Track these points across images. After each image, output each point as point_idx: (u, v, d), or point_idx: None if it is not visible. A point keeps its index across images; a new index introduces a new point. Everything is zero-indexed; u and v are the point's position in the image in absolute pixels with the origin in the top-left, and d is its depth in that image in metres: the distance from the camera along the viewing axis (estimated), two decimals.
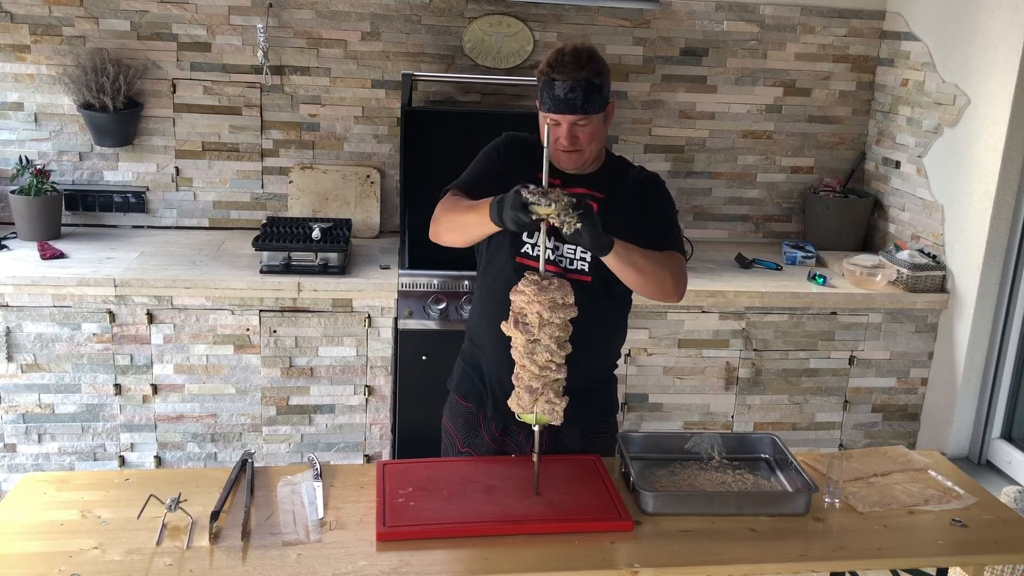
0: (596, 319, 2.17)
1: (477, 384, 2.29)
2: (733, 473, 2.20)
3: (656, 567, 1.83)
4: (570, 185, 2.17)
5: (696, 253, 3.83)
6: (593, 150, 2.15)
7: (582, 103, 2.06)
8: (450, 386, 2.40)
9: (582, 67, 2.06)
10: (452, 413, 2.38)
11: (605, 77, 2.11)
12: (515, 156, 2.23)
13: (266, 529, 1.89)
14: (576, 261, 2.17)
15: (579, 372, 2.11)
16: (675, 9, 3.85)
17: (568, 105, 2.06)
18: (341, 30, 3.72)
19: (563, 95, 2.06)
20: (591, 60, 2.08)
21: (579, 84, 2.05)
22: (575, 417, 2.11)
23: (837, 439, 3.71)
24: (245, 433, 3.40)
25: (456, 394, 2.36)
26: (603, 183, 2.21)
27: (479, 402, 2.29)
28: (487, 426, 2.29)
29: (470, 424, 2.32)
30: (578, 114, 2.07)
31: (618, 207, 2.18)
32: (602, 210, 2.12)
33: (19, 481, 2.07)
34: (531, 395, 1.90)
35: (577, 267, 2.17)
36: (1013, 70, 3.24)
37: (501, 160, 2.23)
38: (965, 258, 3.49)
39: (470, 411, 2.31)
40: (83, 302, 3.21)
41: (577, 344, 2.03)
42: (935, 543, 1.98)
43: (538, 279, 1.91)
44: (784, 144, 4.08)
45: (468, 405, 2.32)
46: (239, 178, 3.83)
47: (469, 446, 2.31)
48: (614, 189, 2.21)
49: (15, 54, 3.61)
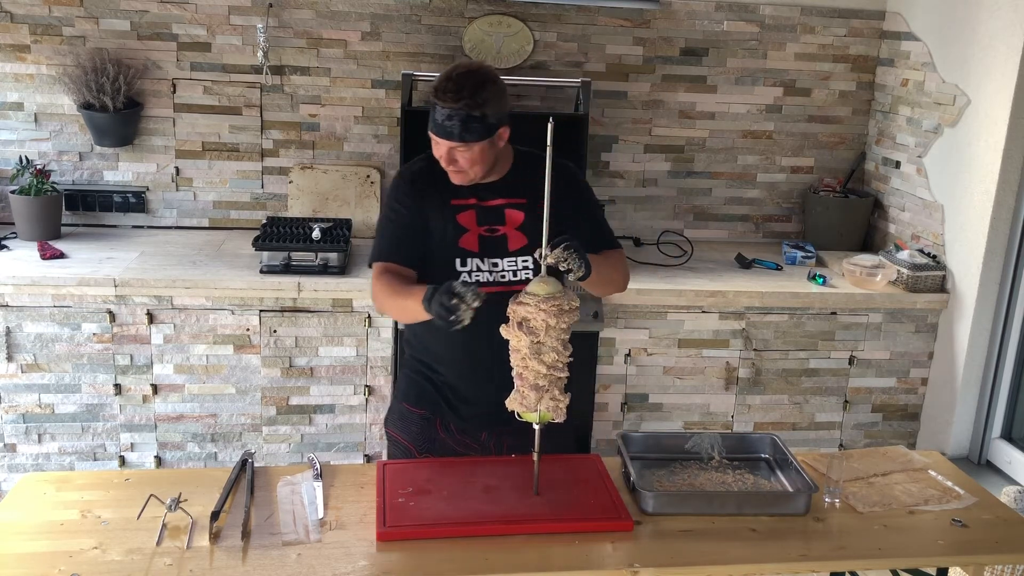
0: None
1: (430, 391, 2.29)
2: (733, 473, 2.20)
3: (656, 567, 1.83)
4: (485, 196, 2.19)
5: (696, 253, 3.83)
6: (477, 171, 2.13)
7: (459, 132, 2.05)
8: (396, 396, 2.39)
9: (461, 97, 2.03)
10: (403, 422, 2.34)
11: (490, 106, 2.06)
12: (420, 192, 2.20)
13: (266, 529, 1.89)
14: (519, 272, 2.19)
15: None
16: (675, 9, 3.85)
17: (445, 132, 2.06)
18: (341, 30, 3.72)
19: (441, 121, 2.05)
20: (476, 89, 2.04)
21: (456, 114, 2.03)
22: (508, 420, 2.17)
23: (837, 439, 3.71)
24: (245, 433, 3.40)
25: (406, 403, 2.33)
26: (519, 187, 2.20)
27: (434, 408, 2.28)
28: (445, 430, 2.28)
29: (426, 430, 2.29)
30: (455, 141, 2.06)
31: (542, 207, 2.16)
32: (527, 211, 2.17)
33: (19, 481, 2.07)
34: (537, 393, 1.91)
35: (521, 277, 2.19)
36: (1013, 70, 3.24)
37: (408, 209, 2.20)
38: (965, 258, 3.49)
39: (424, 417, 2.29)
40: (83, 302, 3.21)
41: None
42: (935, 543, 1.98)
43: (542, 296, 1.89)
44: (784, 144, 4.08)
45: (422, 412, 2.30)
46: (239, 178, 3.83)
47: (428, 452, 2.28)
48: (533, 191, 2.13)
49: (15, 54, 3.61)
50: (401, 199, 2.22)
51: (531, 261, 2.18)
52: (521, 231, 2.20)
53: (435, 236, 2.19)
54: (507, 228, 2.20)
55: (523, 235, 2.20)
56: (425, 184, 2.21)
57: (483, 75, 2.08)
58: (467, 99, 2.03)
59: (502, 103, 2.11)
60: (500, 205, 2.21)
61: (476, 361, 2.22)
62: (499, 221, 2.20)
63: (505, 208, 2.21)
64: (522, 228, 2.20)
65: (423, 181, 2.22)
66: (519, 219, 2.21)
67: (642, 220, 4.07)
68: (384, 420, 2.45)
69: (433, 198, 2.19)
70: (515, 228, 2.20)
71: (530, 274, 2.18)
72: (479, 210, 2.20)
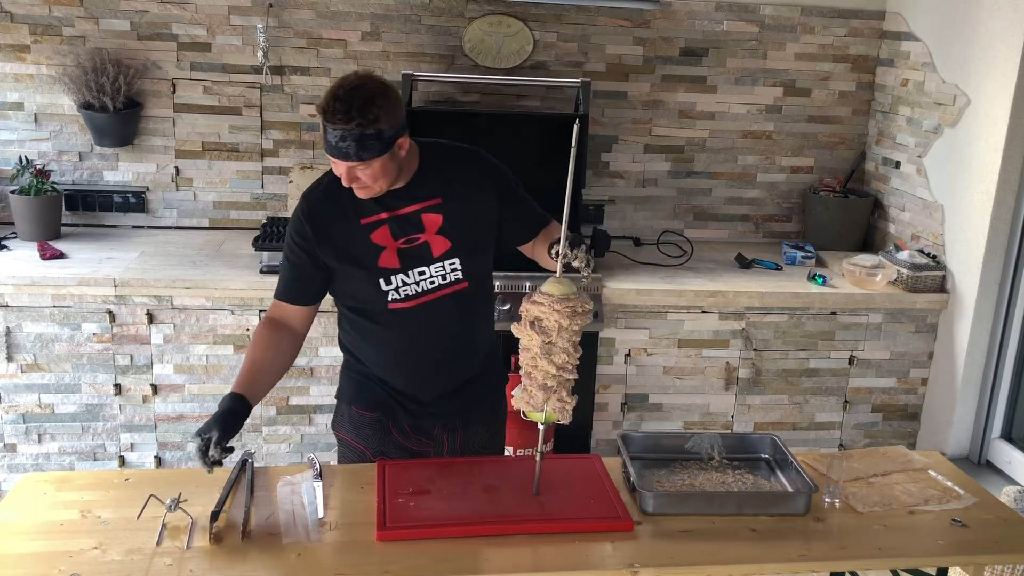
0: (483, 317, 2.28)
1: (379, 393, 2.24)
2: (733, 473, 2.20)
3: (656, 567, 1.83)
4: (395, 205, 2.10)
5: (696, 253, 3.83)
6: (383, 185, 2.03)
7: (356, 151, 1.94)
8: (342, 399, 2.33)
9: (352, 118, 1.91)
10: (354, 426, 2.29)
11: (384, 122, 1.94)
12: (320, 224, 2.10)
13: (266, 529, 1.89)
14: (449, 273, 2.13)
15: (473, 369, 2.24)
16: (675, 9, 3.85)
17: (341, 153, 1.95)
18: (341, 30, 3.72)
19: (335, 142, 1.95)
20: (365, 106, 1.92)
21: (350, 134, 1.92)
22: (474, 412, 2.26)
23: (837, 439, 3.71)
24: (245, 433, 3.40)
25: (355, 407, 2.28)
26: (430, 187, 2.12)
27: (386, 410, 2.25)
28: (398, 430, 2.26)
29: (379, 433, 2.26)
30: (352, 161, 1.96)
31: (460, 201, 2.13)
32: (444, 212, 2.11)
33: (19, 481, 2.07)
34: (545, 393, 1.90)
35: (452, 278, 2.14)
36: (1013, 70, 3.24)
37: (303, 248, 2.11)
38: (965, 258, 3.49)
39: (376, 419, 2.25)
40: (83, 302, 3.21)
41: (468, 344, 2.20)
42: (935, 543, 1.98)
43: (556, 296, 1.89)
44: (784, 144, 4.08)
45: (373, 415, 2.25)
46: (239, 178, 3.83)
47: (382, 454, 2.25)
48: (446, 187, 2.12)
49: (15, 54, 3.61)
50: (295, 238, 2.13)
51: (458, 263, 2.12)
52: (442, 235, 2.11)
53: (352, 260, 2.11)
54: (427, 235, 2.11)
55: (445, 239, 2.12)
56: (326, 210, 2.11)
57: (371, 89, 1.95)
58: (358, 118, 1.91)
59: (396, 113, 1.98)
60: (415, 211, 2.11)
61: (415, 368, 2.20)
62: (417, 229, 2.11)
63: (421, 213, 2.11)
64: (443, 232, 2.11)
65: (324, 207, 2.11)
66: (437, 222, 2.11)
67: (642, 220, 4.07)
68: (331, 423, 2.39)
69: (338, 224, 2.10)
70: (435, 233, 2.11)
71: (459, 274, 2.13)
72: (392, 223, 2.10)
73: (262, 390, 2.10)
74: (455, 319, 2.18)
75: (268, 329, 2.16)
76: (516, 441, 3.23)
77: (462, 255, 2.14)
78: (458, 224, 2.12)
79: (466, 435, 2.29)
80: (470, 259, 2.15)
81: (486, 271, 2.25)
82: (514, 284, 3.34)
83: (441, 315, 2.15)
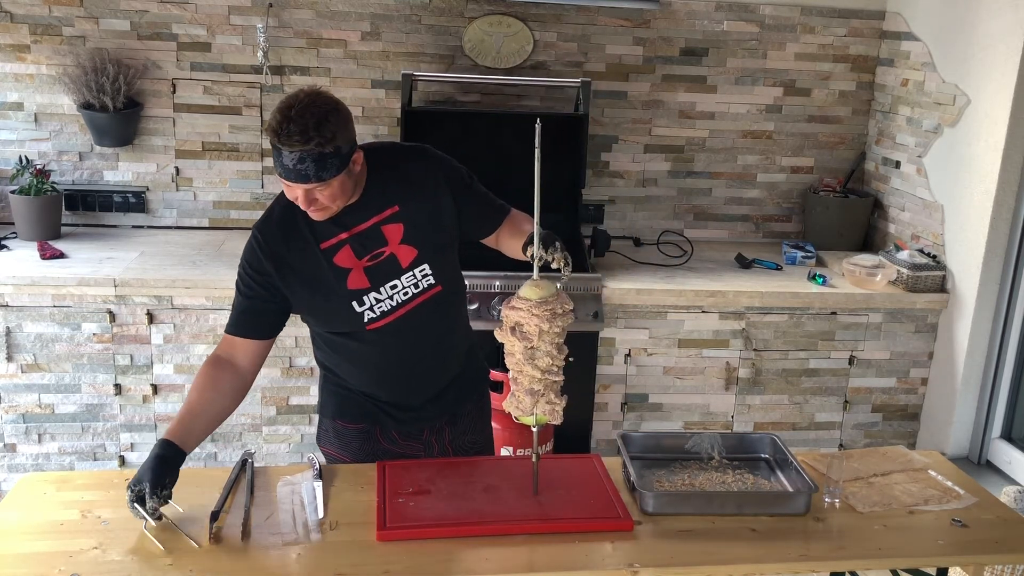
0: (460, 315, 2.26)
1: (365, 405, 2.21)
2: (733, 473, 2.19)
3: (656, 567, 1.83)
4: (352, 222, 2.02)
5: (696, 253, 3.83)
6: (340, 203, 1.96)
7: (315, 172, 1.85)
8: (324, 414, 2.28)
9: (310, 138, 1.82)
10: (341, 439, 2.25)
11: (340, 139, 1.87)
12: (276, 255, 2.01)
13: (266, 529, 1.89)
14: (421, 281, 2.07)
15: (456, 368, 2.23)
16: (675, 9, 3.85)
17: (300, 176, 1.86)
18: (341, 30, 3.72)
19: (292, 165, 1.85)
20: (320, 125, 1.84)
21: (308, 155, 1.84)
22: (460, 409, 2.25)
23: (837, 439, 3.71)
24: (245, 433, 3.40)
25: (340, 421, 2.24)
26: (384, 196, 2.04)
27: (372, 420, 2.22)
28: (387, 438, 2.23)
29: (367, 444, 2.23)
30: (312, 183, 1.87)
31: (417, 204, 2.06)
32: (404, 220, 2.04)
33: (19, 481, 2.07)
34: (532, 397, 1.90)
35: (425, 285, 2.08)
36: (1013, 70, 3.24)
37: (256, 281, 2.03)
38: (965, 258, 3.49)
39: (363, 431, 2.23)
40: (83, 302, 3.21)
41: (450, 346, 2.19)
42: (935, 543, 1.98)
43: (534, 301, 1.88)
44: (784, 144, 4.08)
45: (360, 426, 2.23)
46: (239, 178, 3.83)
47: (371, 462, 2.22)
48: (399, 192, 2.06)
49: (15, 54, 3.61)
50: (249, 271, 2.04)
51: (428, 268, 2.07)
52: (407, 243, 2.05)
53: (320, 288, 2.04)
54: (391, 247, 2.04)
55: (411, 247, 2.05)
56: (284, 240, 2.03)
57: (323, 106, 1.87)
58: (316, 137, 1.83)
59: (349, 128, 1.91)
60: (374, 225, 2.03)
61: (399, 379, 2.18)
62: (379, 243, 2.04)
63: (380, 226, 2.04)
64: (406, 240, 2.05)
65: (281, 238, 2.03)
66: (399, 232, 2.04)
67: (642, 220, 4.07)
68: (316, 438, 2.35)
69: (298, 253, 2.02)
70: (399, 243, 2.05)
71: (431, 279, 2.08)
72: (353, 241, 2.03)
73: (195, 438, 1.99)
74: (434, 324, 2.14)
75: (211, 368, 2.06)
76: (516, 441, 3.23)
77: (430, 260, 2.07)
78: (420, 228, 2.05)
79: (454, 432, 2.28)
80: (438, 262, 2.09)
81: (455, 270, 2.19)
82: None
83: (420, 323, 2.10)
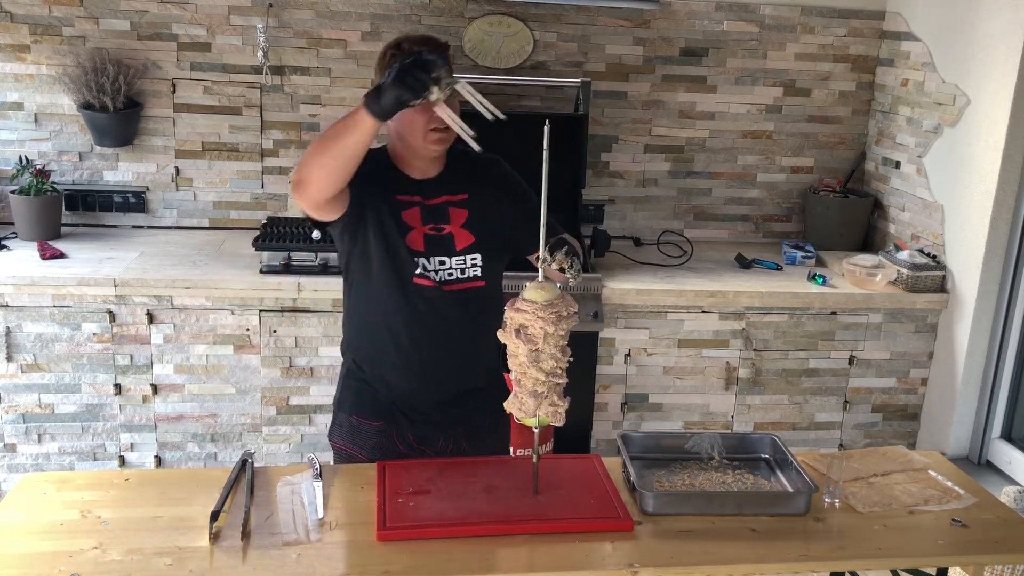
0: (486, 328, 2.18)
1: (383, 401, 2.23)
2: (733, 473, 2.19)
3: (656, 567, 1.83)
4: (428, 193, 2.13)
5: (696, 253, 3.83)
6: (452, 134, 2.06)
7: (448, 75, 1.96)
8: (342, 408, 2.30)
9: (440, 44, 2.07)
10: (355, 435, 2.26)
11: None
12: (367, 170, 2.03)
13: (266, 529, 1.89)
14: (468, 269, 2.15)
15: (477, 379, 2.22)
16: (675, 9, 3.85)
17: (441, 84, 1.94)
18: (341, 30, 3.72)
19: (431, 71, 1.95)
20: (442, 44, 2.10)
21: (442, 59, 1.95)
22: (476, 425, 2.23)
23: (837, 439, 3.71)
24: (245, 433, 3.40)
25: (357, 416, 2.26)
26: (457, 183, 2.17)
27: (389, 419, 2.23)
28: (401, 438, 2.25)
29: (382, 443, 2.24)
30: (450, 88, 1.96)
31: (483, 201, 2.18)
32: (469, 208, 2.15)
33: (19, 481, 2.07)
34: (536, 400, 1.90)
35: (471, 275, 2.16)
36: (1013, 70, 3.24)
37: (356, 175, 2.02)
38: (965, 258, 3.49)
39: (380, 430, 2.24)
40: (83, 302, 3.21)
41: (474, 348, 2.18)
42: (935, 543, 1.98)
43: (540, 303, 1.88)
44: (784, 144, 4.08)
45: (378, 424, 2.24)
46: (239, 178, 3.83)
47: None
48: (471, 185, 2.18)
49: (15, 54, 3.61)
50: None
51: (479, 259, 2.15)
52: (467, 229, 2.16)
53: (378, 231, 2.11)
54: (452, 227, 2.15)
55: (469, 233, 2.16)
56: (375, 170, 2.10)
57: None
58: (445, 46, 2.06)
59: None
60: (443, 203, 2.16)
61: (421, 363, 2.18)
62: (444, 220, 2.15)
63: (448, 206, 2.16)
64: (467, 226, 2.16)
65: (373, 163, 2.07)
66: (463, 216, 2.16)
67: (642, 220, 4.07)
68: (328, 432, 2.36)
69: (378, 185, 2.11)
70: (460, 226, 2.16)
71: (478, 271, 2.15)
72: (424, 208, 2.14)
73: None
74: (467, 321, 2.17)
75: None
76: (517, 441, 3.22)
77: (483, 252, 2.16)
78: (481, 222, 2.15)
79: (469, 448, 2.27)
80: (489, 259, 2.17)
81: (499, 280, 2.26)
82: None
83: (454, 312, 2.15)
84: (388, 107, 1.86)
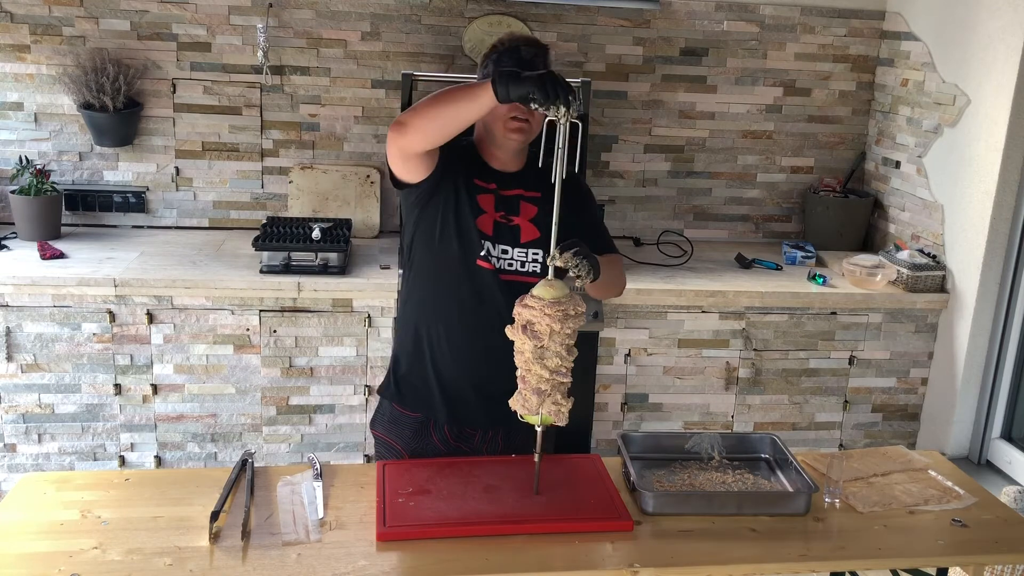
0: None
1: (424, 393, 2.25)
2: (733, 473, 2.20)
3: (656, 567, 1.83)
4: (504, 185, 2.20)
5: (696, 253, 3.83)
6: (536, 128, 2.12)
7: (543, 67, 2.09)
8: (386, 396, 2.32)
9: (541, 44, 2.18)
10: (394, 424, 2.29)
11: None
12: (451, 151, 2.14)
13: (266, 529, 1.89)
14: (528, 263, 2.19)
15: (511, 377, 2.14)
16: (675, 9, 3.85)
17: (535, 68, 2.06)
18: (341, 30, 3.72)
19: (529, 59, 2.11)
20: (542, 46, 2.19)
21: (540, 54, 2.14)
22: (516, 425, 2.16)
23: (837, 439, 3.72)
24: (245, 433, 3.41)
25: (399, 406, 2.28)
26: (534, 182, 2.21)
27: (429, 410, 2.25)
28: (438, 431, 2.25)
29: (419, 434, 2.26)
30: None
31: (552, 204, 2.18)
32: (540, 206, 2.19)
33: (19, 481, 2.07)
34: (539, 397, 1.90)
35: (529, 269, 2.19)
36: (1013, 70, 3.24)
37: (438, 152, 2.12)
38: (965, 258, 3.49)
39: (419, 421, 2.26)
40: (83, 302, 3.21)
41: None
42: (935, 543, 1.98)
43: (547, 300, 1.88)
44: (784, 144, 4.08)
45: (416, 415, 2.26)
46: (239, 178, 3.83)
47: (420, 456, 2.24)
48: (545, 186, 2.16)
49: (15, 54, 3.61)
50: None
51: (541, 255, 2.18)
52: (534, 224, 2.20)
53: (451, 206, 2.16)
54: (521, 219, 2.20)
55: (535, 228, 2.20)
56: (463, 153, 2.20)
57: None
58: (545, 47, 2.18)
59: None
60: (517, 195, 2.21)
61: (470, 348, 2.20)
62: (514, 211, 2.20)
63: (520, 200, 2.21)
64: (534, 221, 2.20)
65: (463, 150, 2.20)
66: (532, 212, 2.21)
67: (642, 220, 4.07)
68: (371, 421, 2.39)
69: (462, 164, 2.18)
70: (528, 220, 2.20)
71: (537, 267, 2.18)
72: (497, 196, 2.20)
73: None
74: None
75: None
76: None
77: (545, 249, 2.15)
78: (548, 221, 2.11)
79: (505, 450, 2.27)
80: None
81: None
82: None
83: (507, 299, 2.11)
84: (515, 96, 1.92)
